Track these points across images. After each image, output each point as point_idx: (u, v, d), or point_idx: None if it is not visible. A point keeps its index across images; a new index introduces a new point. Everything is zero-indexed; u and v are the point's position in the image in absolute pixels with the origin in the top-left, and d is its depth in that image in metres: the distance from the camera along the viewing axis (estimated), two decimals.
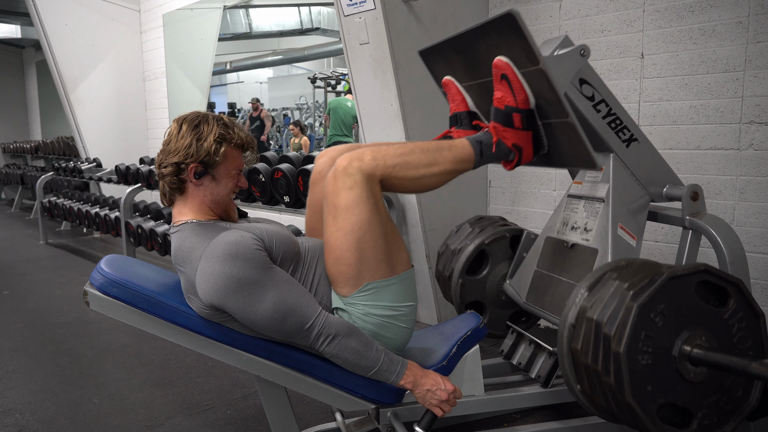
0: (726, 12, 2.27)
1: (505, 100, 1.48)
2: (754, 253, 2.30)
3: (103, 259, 1.48)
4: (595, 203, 1.79)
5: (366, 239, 1.38)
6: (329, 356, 1.39)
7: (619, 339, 1.27)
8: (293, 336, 1.37)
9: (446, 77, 1.73)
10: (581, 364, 1.38)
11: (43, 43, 5.38)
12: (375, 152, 1.40)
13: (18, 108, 10.42)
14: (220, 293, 1.32)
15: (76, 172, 5.65)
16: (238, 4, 7.49)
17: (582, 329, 1.38)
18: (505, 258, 2.20)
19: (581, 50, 1.62)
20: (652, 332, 1.29)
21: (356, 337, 1.38)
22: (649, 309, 1.29)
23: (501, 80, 1.48)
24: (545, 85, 1.42)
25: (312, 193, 1.67)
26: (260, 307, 1.32)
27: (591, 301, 1.40)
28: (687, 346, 1.31)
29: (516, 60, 1.45)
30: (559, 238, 1.89)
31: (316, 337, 1.36)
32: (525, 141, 1.51)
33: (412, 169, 1.42)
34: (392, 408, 1.66)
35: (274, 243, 1.41)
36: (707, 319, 1.35)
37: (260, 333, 1.40)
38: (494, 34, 1.46)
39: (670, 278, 1.31)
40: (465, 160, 1.49)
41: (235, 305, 1.32)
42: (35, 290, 3.93)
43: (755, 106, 2.24)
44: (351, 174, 1.36)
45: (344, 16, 2.71)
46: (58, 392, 2.32)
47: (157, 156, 1.48)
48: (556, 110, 1.45)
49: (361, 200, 1.36)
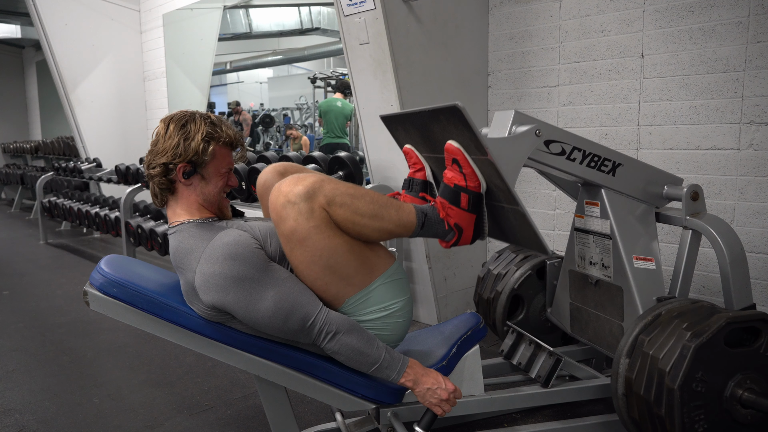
0: (726, 12, 2.27)
1: (455, 180, 1.47)
2: (754, 253, 2.30)
3: (103, 259, 1.48)
4: (604, 240, 1.82)
5: (331, 264, 1.35)
6: (330, 352, 1.38)
7: (671, 422, 1.37)
8: (296, 334, 1.37)
9: (407, 146, 1.70)
10: (633, 392, 1.47)
11: (43, 43, 5.38)
12: (323, 182, 1.32)
13: (18, 108, 10.42)
14: (220, 294, 1.31)
15: (76, 172, 5.65)
16: (238, 4, 7.49)
17: (637, 362, 1.48)
18: (537, 291, 2.28)
19: (536, 131, 1.60)
20: (699, 401, 1.37)
21: (357, 333, 1.37)
22: (690, 383, 1.38)
23: (452, 164, 1.47)
24: (494, 173, 1.41)
25: (263, 206, 1.64)
26: (261, 306, 1.32)
27: (649, 336, 1.49)
28: (736, 399, 1.38)
29: (466, 147, 1.44)
30: (582, 272, 1.95)
31: (318, 334, 1.35)
32: (467, 223, 1.48)
33: (357, 214, 1.35)
34: (392, 408, 1.66)
35: (270, 241, 1.40)
36: (747, 362, 1.41)
37: (262, 332, 1.40)
38: (444, 119, 1.45)
39: (698, 349, 1.38)
40: (406, 226, 1.44)
41: (236, 305, 1.32)
42: (35, 290, 3.93)
43: (755, 106, 2.24)
44: (293, 203, 1.29)
45: (344, 16, 2.71)
46: (58, 392, 2.32)
47: (145, 157, 1.47)
48: (507, 197, 1.44)
49: (309, 232, 1.30)
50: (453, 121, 1.41)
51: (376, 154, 2.93)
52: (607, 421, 1.80)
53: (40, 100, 9.97)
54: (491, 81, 3.09)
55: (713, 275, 2.41)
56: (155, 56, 5.80)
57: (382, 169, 2.91)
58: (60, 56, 5.41)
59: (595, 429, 1.79)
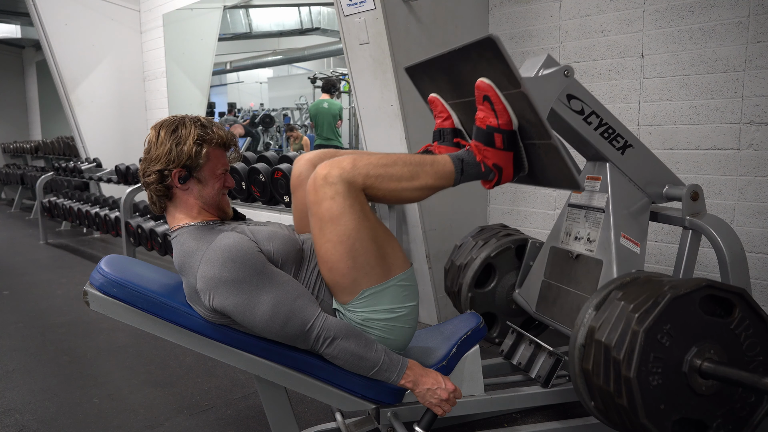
0: (726, 12, 2.27)
1: (486, 120, 1.47)
2: (754, 253, 2.30)
3: (103, 259, 1.48)
4: (596, 213, 1.80)
5: (356, 247, 1.35)
6: (329, 357, 1.39)
7: (628, 364, 1.28)
8: (294, 339, 1.37)
9: (432, 95, 1.71)
10: (594, 384, 1.40)
11: (43, 43, 5.38)
12: (356, 160, 1.36)
13: (18, 108, 10.42)
14: (220, 297, 1.32)
15: (76, 172, 5.65)
16: (238, 4, 7.49)
17: (592, 351, 1.41)
18: (512, 268, 2.23)
19: (565, 71, 1.61)
20: (660, 353, 1.31)
21: (355, 338, 1.37)
22: (655, 332, 1.30)
23: (483, 101, 1.47)
24: (527, 108, 1.41)
25: (295, 198, 1.65)
26: (259, 310, 1.32)
27: (599, 322, 1.42)
28: (697, 361, 1.32)
29: (498, 82, 1.44)
30: (564, 248, 1.90)
31: (315, 339, 1.35)
32: (505, 161, 1.49)
33: (394, 181, 1.39)
34: (392, 408, 1.66)
35: (272, 245, 1.40)
36: (714, 331, 1.37)
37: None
38: (475, 56, 1.45)
39: (673, 299, 1.32)
40: (445, 177, 1.46)
41: (235, 309, 1.32)
42: (35, 290, 3.93)
43: (755, 106, 2.24)
44: (332, 183, 1.32)
45: (344, 16, 2.71)
46: (58, 392, 2.32)
47: (140, 165, 1.46)
48: (538, 132, 1.44)
49: (345, 210, 1.32)
50: (485, 55, 1.41)
51: None
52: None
53: (40, 100, 9.97)
54: None
55: (713, 275, 2.41)
56: (155, 56, 5.80)
57: None
58: (60, 56, 5.41)
59: (595, 429, 1.79)
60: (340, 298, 1.43)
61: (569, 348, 1.52)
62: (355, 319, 1.42)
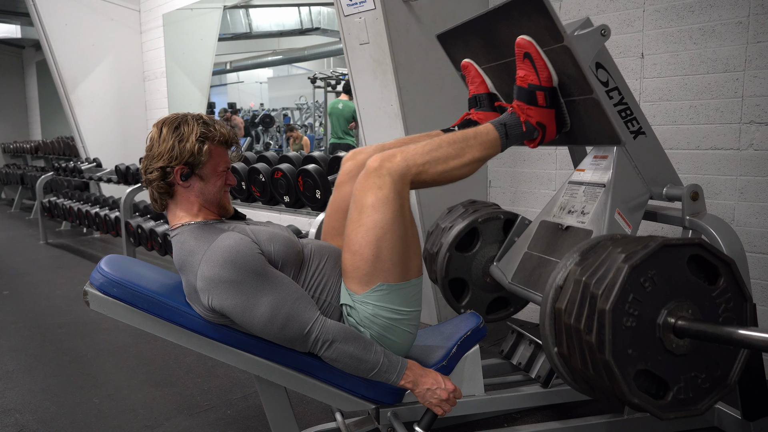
0: (726, 12, 2.27)
1: (528, 79, 1.50)
2: (754, 253, 2.30)
3: (103, 259, 1.48)
4: (596, 188, 1.77)
5: (386, 239, 1.38)
6: (328, 361, 1.39)
7: (606, 297, 1.26)
8: (293, 342, 1.37)
9: (465, 60, 1.75)
10: (563, 323, 1.36)
11: (43, 43, 5.38)
12: (404, 153, 1.41)
13: (18, 108, 10.43)
14: (219, 297, 1.32)
15: (76, 172, 5.65)
16: (238, 4, 7.50)
17: (569, 290, 1.37)
18: (496, 240, 2.14)
19: (602, 30, 1.60)
20: (639, 296, 1.28)
21: (354, 341, 1.37)
22: (640, 272, 1.28)
23: (524, 59, 1.50)
24: (569, 62, 1.44)
25: (337, 193, 1.67)
26: (257, 312, 1.32)
27: (582, 265, 1.39)
28: (672, 317, 1.30)
29: (539, 38, 1.46)
30: (554, 221, 1.84)
31: (314, 342, 1.36)
32: (548, 119, 1.54)
33: (442, 163, 1.43)
34: (392, 408, 1.66)
35: (272, 246, 1.40)
36: (696, 294, 1.34)
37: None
38: (516, 13, 1.48)
39: (664, 246, 1.31)
40: (492, 145, 1.50)
41: (234, 309, 1.32)
42: (35, 290, 3.93)
43: (755, 106, 2.24)
44: (381, 175, 1.36)
45: (344, 16, 2.71)
46: (58, 392, 2.32)
47: (141, 162, 1.47)
48: (579, 87, 1.47)
49: (387, 201, 1.36)
50: (527, 11, 1.43)
51: None
52: (607, 421, 1.80)
53: (40, 100, 9.98)
54: None
55: None
56: (155, 56, 5.81)
57: None
58: (60, 56, 5.41)
59: (595, 429, 1.79)
60: (354, 286, 1.43)
61: (542, 297, 1.48)
62: (363, 312, 1.42)
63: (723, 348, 1.36)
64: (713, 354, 1.35)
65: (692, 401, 1.34)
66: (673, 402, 1.31)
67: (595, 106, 1.45)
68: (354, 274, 1.42)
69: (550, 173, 2.93)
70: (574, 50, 1.40)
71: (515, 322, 3.04)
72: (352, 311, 1.44)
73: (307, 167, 2.84)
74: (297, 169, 2.92)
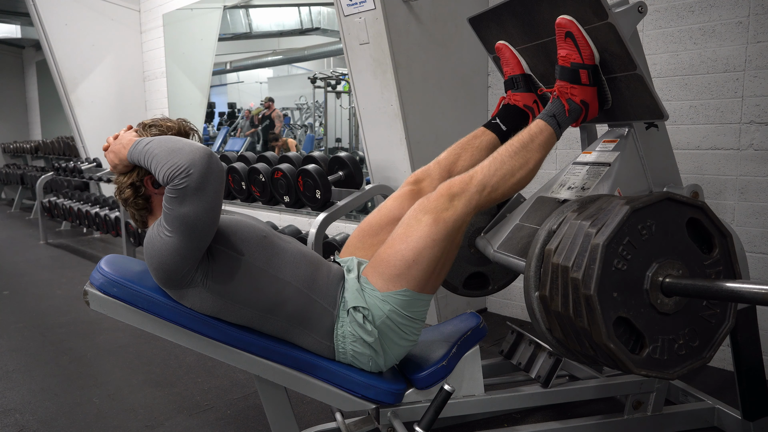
0: (726, 12, 2.27)
1: (570, 58, 1.52)
2: (754, 253, 2.30)
3: (103, 259, 1.48)
4: (600, 167, 1.75)
5: (430, 251, 1.41)
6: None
7: (602, 234, 1.25)
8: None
9: (500, 42, 1.77)
10: (550, 264, 1.35)
11: (43, 43, 5.38)
12: (476, 181, 1.46)
13: (18, 108, 10.42)
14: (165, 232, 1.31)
15: (76, 172, 5.65)
16: (238, 4, 7.49)
17: (563, 232, 1.36)
18: (488, 212, 2.05)
19: (639, 6, 1.60)
20: (635, 242, 1.28)
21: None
22: (640, 218, 1.28)
23: (566, 38, 1.51)
24: (612, 39, 1.45)
25: (382, 211, 1.69)
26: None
27: (580, 212, 1.39)
28: (662, 273, 1.29)
29: (580, 17, 1.47)
30: (552, 196, 1.81)
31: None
32: (591, 97, 1.56)
33: (509, 177, 1.48)
34: (392, 408, 1.66)
35: (229, 218, 1.43)
36: (689, 257, 1.34)
37: (255, 314, 1.41)
38: None
39: (667, 198, 1.31)
40: (550, 141, 1.54)
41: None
42: (35, 290, 3.93)
43: (755, 106, 2.24)
44: (453, 200, 1.43)
45: (344, 16, 2.71)
46: (58, 392, 2.32)
47: (115, 188, 1.48)
48: (622, 63, 1.48)
49: (448, 222, 1.42)
50: None
51: (376, 154, 2.93)
52: (607, 422, 1.80)
53: (40, 100, 9.97)
54: (491, 81, 3.09)
55: None
56: (155, 56, 5.80)
57: (382, 169, 2.91)
58: (60, 56, 5.41)
59: (595, 429, 1.79)
60: (378, 281, 1.44)
61: (533, 241, 1.47)
62: (379, 312, 1.43)
63: (705, 320, 1.35)
64: (695, 323, 1.34)
65: (665, 364, 1.32)
66: (647, 359, 1.29)
67: (639, 81, 1.47)
68: (384, 269, 1.44)
69: (550, 173, 2.93)
70: (618, 27, 1.42)
71: (515, 322, 3.04)
72: (365, 311, 1.44)
73: (307, 167, 2.83)
74: (297, 169, 2.92)
